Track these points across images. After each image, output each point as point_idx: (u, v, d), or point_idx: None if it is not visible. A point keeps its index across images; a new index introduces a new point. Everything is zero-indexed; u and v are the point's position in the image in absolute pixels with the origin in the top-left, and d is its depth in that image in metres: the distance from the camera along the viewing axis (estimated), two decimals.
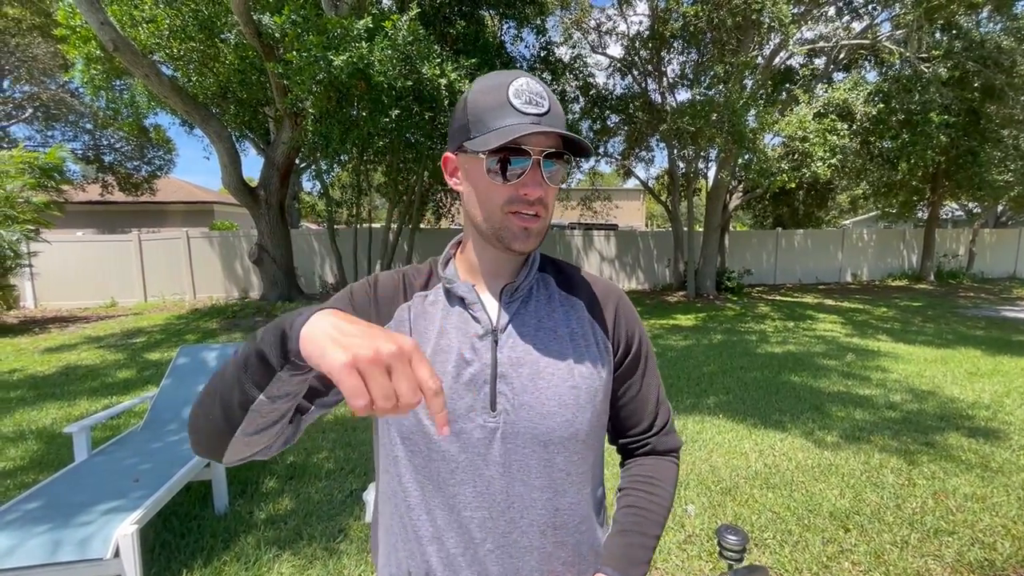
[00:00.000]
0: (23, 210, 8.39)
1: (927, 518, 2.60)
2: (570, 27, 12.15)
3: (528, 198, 0.69)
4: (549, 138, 0.68)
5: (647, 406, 0.83)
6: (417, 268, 0.82)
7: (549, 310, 0.78)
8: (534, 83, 0.68)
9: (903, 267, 16.22)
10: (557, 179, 0.71)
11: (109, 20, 7.04)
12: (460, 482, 0.70)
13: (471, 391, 0.71)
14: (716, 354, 6.33)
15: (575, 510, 0.74)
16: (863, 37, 11.21)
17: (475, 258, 0.78)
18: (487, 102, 0.68)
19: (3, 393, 5.01)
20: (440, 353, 0.73)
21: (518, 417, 0.70)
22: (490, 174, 0.69)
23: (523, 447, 0.70)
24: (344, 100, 7.34)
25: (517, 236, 0.71)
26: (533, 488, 0.71)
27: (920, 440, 3.58)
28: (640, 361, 0.82)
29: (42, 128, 15.59)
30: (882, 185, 14.46)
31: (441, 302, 0.77)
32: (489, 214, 0.71)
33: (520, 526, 0.71)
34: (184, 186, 19.54)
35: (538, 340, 0.74)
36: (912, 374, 5.32)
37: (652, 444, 0.84)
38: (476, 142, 0.68)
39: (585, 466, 0.76)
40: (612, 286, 0.85)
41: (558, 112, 0.70)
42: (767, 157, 9.23)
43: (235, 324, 8.32)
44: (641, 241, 14.61)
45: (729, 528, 1.03)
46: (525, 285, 0.77)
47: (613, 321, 0.80)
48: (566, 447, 0.72)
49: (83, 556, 1.82)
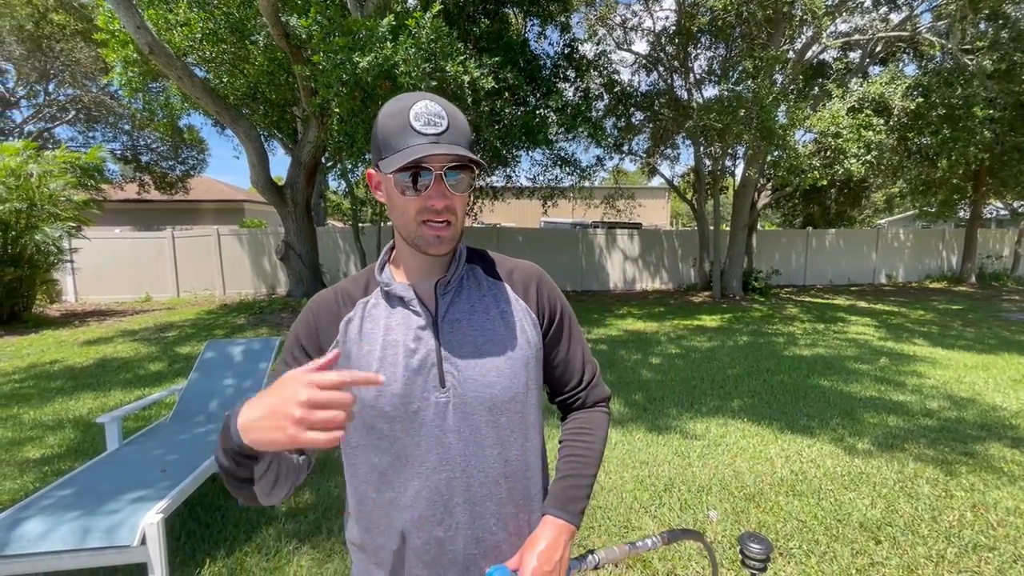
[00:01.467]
0: (65, 208, 8.77)
1: (965, 532, 2.48)
2: (595, 24, 12.03)
3: (435, 208, 0.77)
4: (451, 155, 0.76)
5: (575, 365, 0.97)
6: (354, 279, 0.92)
7: (480, 295, 0.89)
8: (433, 104, 0.77)
9: (942, 268, 15.56)
10: (462, 187, 0.80)
11: (145, 24, 7.28)
12: (425, 451, 0.81)
13: (421, 374, 0.81)
14: (742, 356, 6.18)
15: (521, 460, 0.87)
16: (901, 29, 10.75)
17: (405, 261, 0.88)
18: (392, 126, 0.77)
19: (44, 383, 5.24)
20: (389, 347, 0.83)
21: (465, 389, 0.82)
22: (399, 190, 0.78)
23: (473, 414, 0.82)
24: (369, 100, 7.41)
25: (431, 243, 0.80)
26: (485, 447, 0.83)
27: (959, 449, 3.41)
28: (564, 327, 0.95)
29: (84, 129, 16.28)
30: (920, 183, 13.89)
31: (382, 304, 0.87)
32: (405, 224, 0.81)
33: (478, 479, 0.83)
34: (216, 185, 20.12)
35: (474, 322, 0.86)
36: (951, 380, 5.09)
37: (583, 397, 0.98)
38: (385, 163, 0.77)
39: (525, 423, 0.88)
40: (532, 266, 0.96)
41: (458, 127, 0.78)
42: (797, 154, 8.96)
43: (262, 320, 8.51)
44: (665, 240, 14.38)
45: (752, 536, 0.99)
46: (456, 277, 0.88)
47: (536, 296, 0.92)
48: (508, 408, 0.85)
49: (111, 543, 1.88)
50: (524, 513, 0.88)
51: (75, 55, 14.48)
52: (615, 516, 2.67)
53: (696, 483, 2.99)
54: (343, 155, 8.84)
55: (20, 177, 8.02)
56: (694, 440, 3.63)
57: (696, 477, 3.07)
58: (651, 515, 2.68)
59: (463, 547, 0.83)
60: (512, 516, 0.86)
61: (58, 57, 14.58)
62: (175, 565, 2.23)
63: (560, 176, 12.36)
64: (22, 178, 8.03)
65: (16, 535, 1.86)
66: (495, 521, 0.85)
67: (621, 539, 2.48)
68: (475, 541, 0.83)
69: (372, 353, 0.83)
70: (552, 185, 12.64)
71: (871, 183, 16.05)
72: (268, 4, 7.11)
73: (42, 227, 8.21)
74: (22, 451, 3.56)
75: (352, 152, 7.90)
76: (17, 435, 3.85)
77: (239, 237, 12.16)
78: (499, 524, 0.85)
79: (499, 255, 0.97)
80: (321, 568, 2.25)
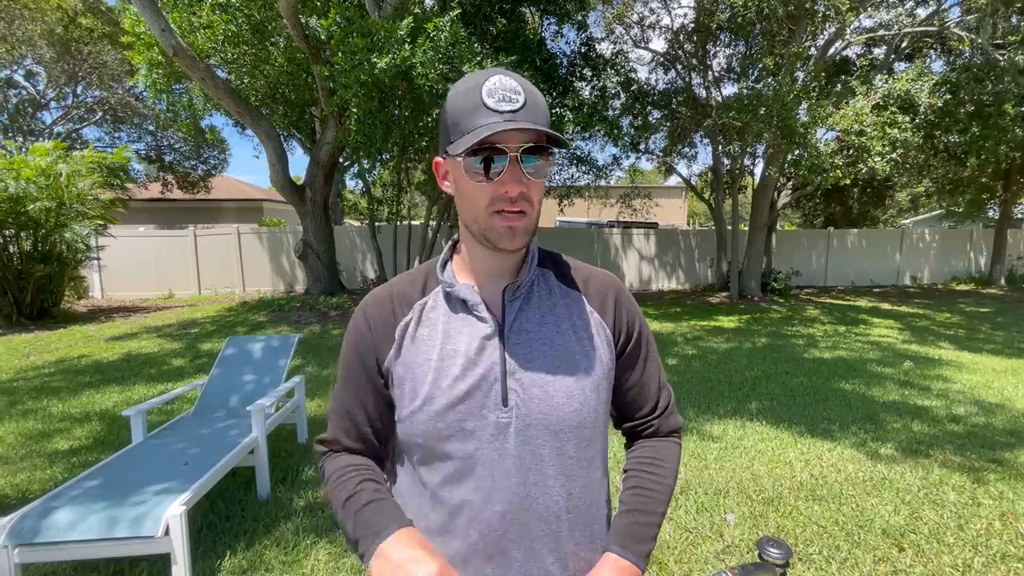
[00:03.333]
0: (93, 207, 9.01)
1: (993, 541, 2.41)
2: (612, 22, 11.96)
3: (509, 195, 0.69)
4: (526, 134, 0.68)
5: (650, 390, 0.87)
6: (411, 277, 0.84)
7: (551, 305, 0.80)
8: (508, 79, 0.69)
9: (969, 270, 15.12)
10: (540, 174, 0.72)
11: (170, 27, 7.44)
12: (481, 475, 0.73)
13: (481, 390, 0.73)
14: (760, 358, 6.09)
15: (585, 494, 0.79)
16: (928, 24, 10.47)
17: (472, 259, 0.80)
18: (462, 104, 0.69)
19: (73, 377, 5.40)
20: (448, 357, 0.75)
21: (529, 410, 0.74)
22: (469, 175, 0.70)
23: (536, 438, 0.74)
24: (386, 101, 7.48)
25: (503, 235, 0.72)
26: (547, 476, 0.74)
27: (987, 456, 3.32)
28: (641, 348, 0.86)
29: (110, 130, 16.74)
30: (947, 182, 13.53)
31: (442, 306, 0.79)
32: (475, 215, 0.73)
33: (537, 513, 0.74)
34: (236, 184, 20.49)
35: (543, 335, 0.77)
36: (978, 385, 4.95)
37: (656, 426, 0.88)
38: (454, 145, 0.69)
39: (593, 451, 0.80)
40: (610, 277, 0.87)
41: (536, 105, 0.70)
42: (819, 152, 8.79)
43: (281, 317, 8.64)
44: (682, 240, 14.23)
45: (771, 540, 0.98)
46: (526, 283, 0.79)
47: (613, 311, 0.83)
48: (575, 435, 0.76)
49: (136, 533, 1.92)
50: (586, 552, 0.79)
51: (102, 58, 14.89)
52: None
53: (713, 486, 2.95)
54: (361, 155, 8.93)
55: (50, 177, 8.26)
56: (711, 442, 3.59)
57: (713, 479, 3.03)
58: (667, 517, 2.66)
59: None
60: (572, 555, 0.78)
61: (86, 60, 15.00)
62: (197, 556, 2.28)
63: (576, 175, 12.32)
64: (52, 178, 8.27)
65: (47, 524, 1.92)
66: (553, 560, 0.76)
67: None
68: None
69: (428, 363, 0.75)
70: (568, 184, 12.61)
71: (895, 182, 15.67)
72: (289, 6, 7.22)
73: (71, 225, 8.45)
74: (51, 442, 3.67)
75: (370, 152, 7.98)
76: (46, 427, 3.97)
77: (259, 235, 12.37)
78: (558, 564, 0.76)
79: (575, 260, 0.88)
80: (338, 563, 2.28)
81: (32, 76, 16.01)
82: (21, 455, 3.46)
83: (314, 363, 5.86)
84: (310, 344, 6.78)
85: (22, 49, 14.69)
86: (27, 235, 8.46)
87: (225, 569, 2.23)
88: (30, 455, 3.46)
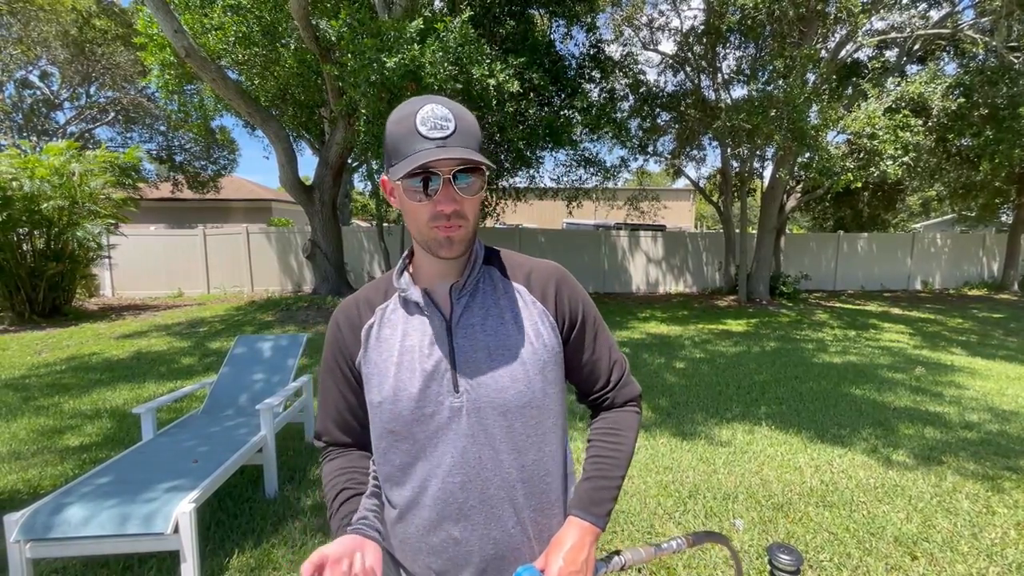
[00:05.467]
0: (105, 206, 9.12)
1: (1008, 551, 2.37)
2: (621, 24, 11.92)
3: (444, 212, 0.77)
4: (457, 159, 0.75)
5: (602, 366, 0.95)
6: (375, 285, 0.94)
7: (495, 299, 0.88)
8: (439, 108, 0.76)
9: (982, 275, 14.92)
10: (473, 190, 0.79)
11: (182, 28, 7.51)
12: (441, 453, 0.83)
13: (436, 379, 0.83)
14: (769, 362, 6.03)
15: (538, 465, 0.87)
16: (941, 26, 10.35)
17: (421, 265, 0.89)
18: (399, 131, 0.77)
19: (84, 375, 5.45)
20: (406, 353, 0.85)
21: (478, 395, 0.82)
22: (409, 195, 0.78)
23: (486, 419, 0.83)
24: (395, 101, 7.50)
25: (442, 245, 0.80)
26: (500, 451, 0.83)
27: (1001, 464, 3.27)
28: (587, 328, 0.93)
29: (122, 130, 16.92)
30: (960, 186, 13.37)
31: (400, 309, 0.89)
32: (418, 229, 0.81)
33: (494, 483, 0.83)
34: (245, 184, 20.63)
35: (487, 327, 0.85)
36: (992, 392, 4.87)
37: (611, 397, 0.96)
38: (393, 170, 0.76)
39: (542, 428, 0.87)
40: (551, 267, 0.94)
41: (466, 131, 0.77)
42: (830, 155, 8.71)
43: (289, 316, 8.69)
44: (690, 243, 14.16)
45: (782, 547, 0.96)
46: (471, 281, 0.87)
47: (555, 299, 0.90)
48: (523, 414, 0.84)
49: (147, 530, 1.94)
50: (544, 518, 0.88)
51: (115, 59, 15.06)
52: (638, 521, 2.64)
53: (722, 490, 2.93)
54: (369, 155, 8.96)
55: (63, 176, 8.36)
56: (720, 446, 3.56)
57: (722, 484, 3.01)
58: (675, 521, 2.64)
59: (479, 547, 0.84)
60: (532, 520, 0.87)
61: (99, 61, 15.18)
62: (205, 554, 2.29)
63: (584, 177, 12.30)
64: (65, 177, 8.37)
65: (58, 520, 1.93)
66: (513, 524, 0.85)
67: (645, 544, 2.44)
68: (492, 542, 0.84)
69: (390, 358, 0.85)
70: (576, 186, 12.58)
71: (907, 186, 15.49)
72: (299, 7, 7.26)
73: (83, 224, 8.55)
74: (63, 439, 3.71)
75: (378, 153, 8.00)
76: (58, 423, 4.01)
77: (267, 235, 12.45)
78: (519, 527, 0.85)
79: (518, 255, 0.95)
80: None
81: (46, 77, 16.24)
82: (33, 451, 3.49)
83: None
84: (318, 344, 6.80)
85: (37, 50, 14.89)
86: (40, 233, 8.57)
87: (233, 567, 2.24)
88: (42, 451, 3.49)
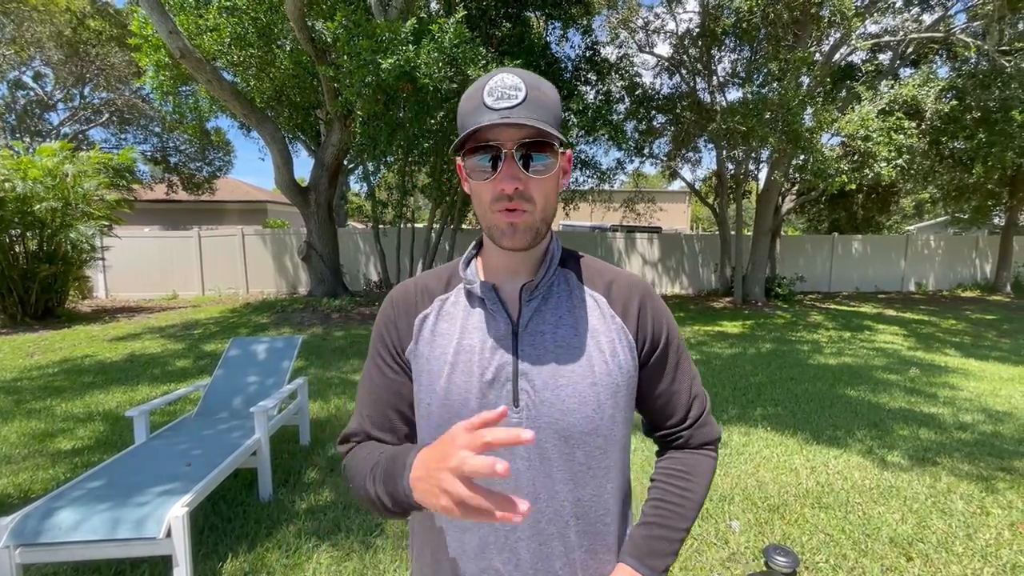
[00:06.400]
0: (98, 207, 9.05)
1: (1003, 551, 2.38)
2: (617, 27, 11.97)
3: (505, 192, 0.68)
4: (525, 130, 0.66)
5: (680, 399, 0.84)
6: (437, 273, 0.85)
7: (570, 307, 0.78)
8: (510, 77, 0.67)
9: (975, 277, 15.03)
10: (545, 170, 0.69)
11: (177, 29, 7.48)
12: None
13: (494, 388, 0.73)
14: (764, 364, 6.05)
15: (596, 502, 0.77)
16: (934, 30, 10.44)
17: (489, 257, 0.80)
18: (467, 105, 0.70)
19: (76, 377, 5.40)
20: (463, 352, 0.75)
21: (539, 413, 0.73)
22: (471, 173, 0.70)
23: (544, 441, 0.73)
24: (391, 102, 7.50)
25: (504, 232, 0.71)
26: (556, 481, 0.74)
27: (995, 465, 3.28)
28: (669, 354, 0.82)
29: (116, 131, 16.84)
30: (953, 188, 13.46)
31: (462, 303, 0.79)
32: (482, 212, 0.72)
33: (546, 515, 0.74)
34: (240, 186, 20.56)
35: (558, 337, 0.75)
36: (985, 392, 4.90)
37: (686, 437, 0.85)
38: (453, 145, 0.70)
39: (606, 461, 0.77)
40: (637, 280, 0.83)
41: (539, 100, 0.68)
42: (824, 157, 8.76)
43: (284, 319, 8.65)
44: (686, 244, 14.20)
45: (778, 548, 0.96)
46: (545, 282, 0.77)
47: (637, 316, 0.79)
48: (586, 442, 0.74)
49: (139, 534, 1.91)
50: (596, 562, 0.78)
51: (110, 60, 14.99)
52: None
53: (718, 492, 2.93)
54: (365, 157, 8.96)
55: (56, 177, 8.30)
56: None
57: (718, 486, 3.01)
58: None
59: None
60: (582, 563, 0.77)
61: (93, 62, 15.10)
62: (198, 558, 2.27)
63: (580, 179, 12.31)
64: (58, 178, 8.31)
65: (49, 524, 1.91)
66: (562, 564, 0.76)
67: None
68: None
69: (444, 357, 0.76)
70: (572, 188, 12.59)
71: (900, 188, 15.60)
72: (295, 9, 7.25)
73: (76, 225, 8.48)
74: (54, 442, 3.67)
75: (374, 154, 8.00)
76: (50, 427, 3.97)
77: (262, 237, 12.40)
78: (566, 568, 0.76)
79: (599, 262, 0.86)
80: (339, 566, 2.27)
81: (40, 77, 16.13)
82: (24, 455, 3.46)
83: (317, 365, 5.86)
84: (313, 346, 6.78)
85: (31, 51, 14.80)
86: (33, 235, 8.50)
87: (226, 572, 2.22)
88: (33, 455, 3.45)
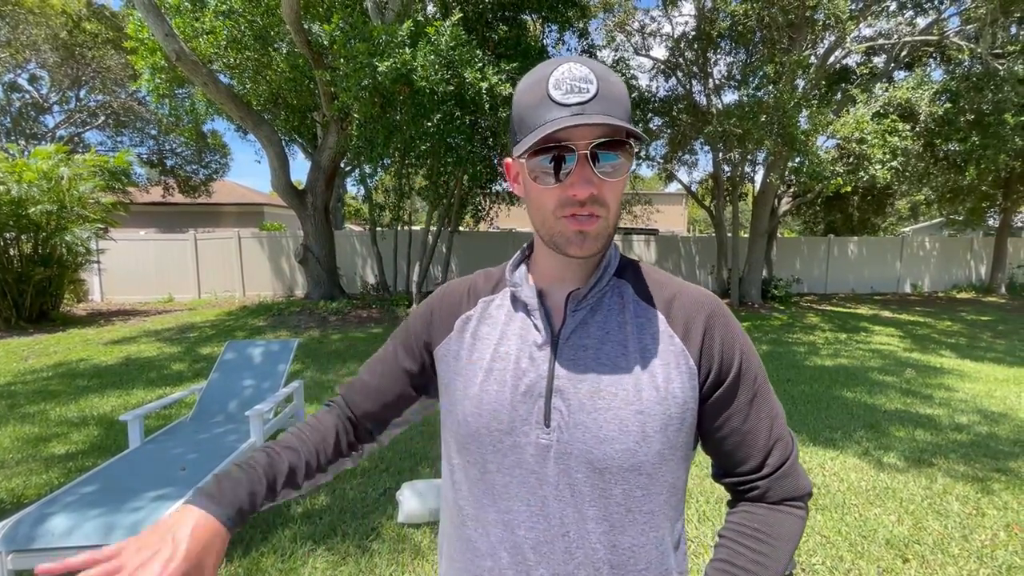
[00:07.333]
0: (94, 210, 9.02)
1: (999, 552, 2.38)
2: (613, 30, 12.02)
3: (578, 198, 0.60)
4: (598, 128, 0.59)
5: (754, 441, 0.69)
6: (489, 272, 0.80)
7: (620, 321, 0.68)
8: (578, 68, 0.60)
9: (970, 278, 15.12)
10: (618, 172, 0.62)
11: (173, 32, 7.48)
12: (514, 497, 0.65)
13: (527, 402, 0.66)
14: None
15: (637, 552, 0.65)
16: (928, 33, 10.53)
17: (539, 262, 0.73)
18: (528, 99, 0.62)
19: (71, 381, 5.37)
20: (499, 360, 0.69)
21: (571, 437, 0.64)
22: (535, 177, 0.62)
23: (575, 471, 0.64)
24: (388, 105, 7.51)
25: (572, 241, 0.63)
26: (587, 518, 0.64)
27: (991, 466, 3.29)
28: (740, 386, 0.68)
29: (112, 134, 16.80)
30: (947, 190, 13.55)
31: (506, 307, 0.73)
32: (543, 220, 0.65)
33: (577, 557, 0.64)
34: (237, 188, 20.53)
35: (602, 354, 0.66)
36: (981, 394, 4.92)
37: (763, 488, 0.69)
38: (518, 146, 0.62)
39: (651, 504, 0.65)
40: (705, 296, 0.71)
41: (611, 94, 0.60)
42: (820, 159, 8.81)
43: (281, 321, 8.63)
44: (683, 247, 14.25)
45: None
46: (595, 292, 0.69)
47: (702, 339, 0.67)
48: (626, 479, 0.63)
49: None
50: None
51: (105, 62, 14.96)
52: None
53: (715, 494, 2.93)
54: (362, 159, 8.95)
55: (52, 180, 8.27)
56: None
57: (715, 488, 3.01)
58: None
59: None
60: None
61: (89, 64, 15.07)
62: None
63: None
64: (53, 181, 8.28)
65: (42, 530, 1.89)
66: None
67: None
68: None
69: (480, 362, 0.70)
70: None
71: (896, 190, 15.70)
72: (292, 12, 7.25)
73: (71, 228, 8.45)
74: (48, 447, 3.65)
75: (371, 156, 7.99)
76: (44, 431, 3.95)
77: (259, 240, 12.37)
78: None
79: (662, 273, 0.75)
80: (335, 571, 2.26)
81: (36, 80, 16.10)
82: (17, 459, 3.43)
83: (313, 368, 5.84)
84: (309, 349, 6.76)
85: (26, 53, 14.76)
86: (28, 238, 8.47)
87: None
88: (26, 459, 3.43)
